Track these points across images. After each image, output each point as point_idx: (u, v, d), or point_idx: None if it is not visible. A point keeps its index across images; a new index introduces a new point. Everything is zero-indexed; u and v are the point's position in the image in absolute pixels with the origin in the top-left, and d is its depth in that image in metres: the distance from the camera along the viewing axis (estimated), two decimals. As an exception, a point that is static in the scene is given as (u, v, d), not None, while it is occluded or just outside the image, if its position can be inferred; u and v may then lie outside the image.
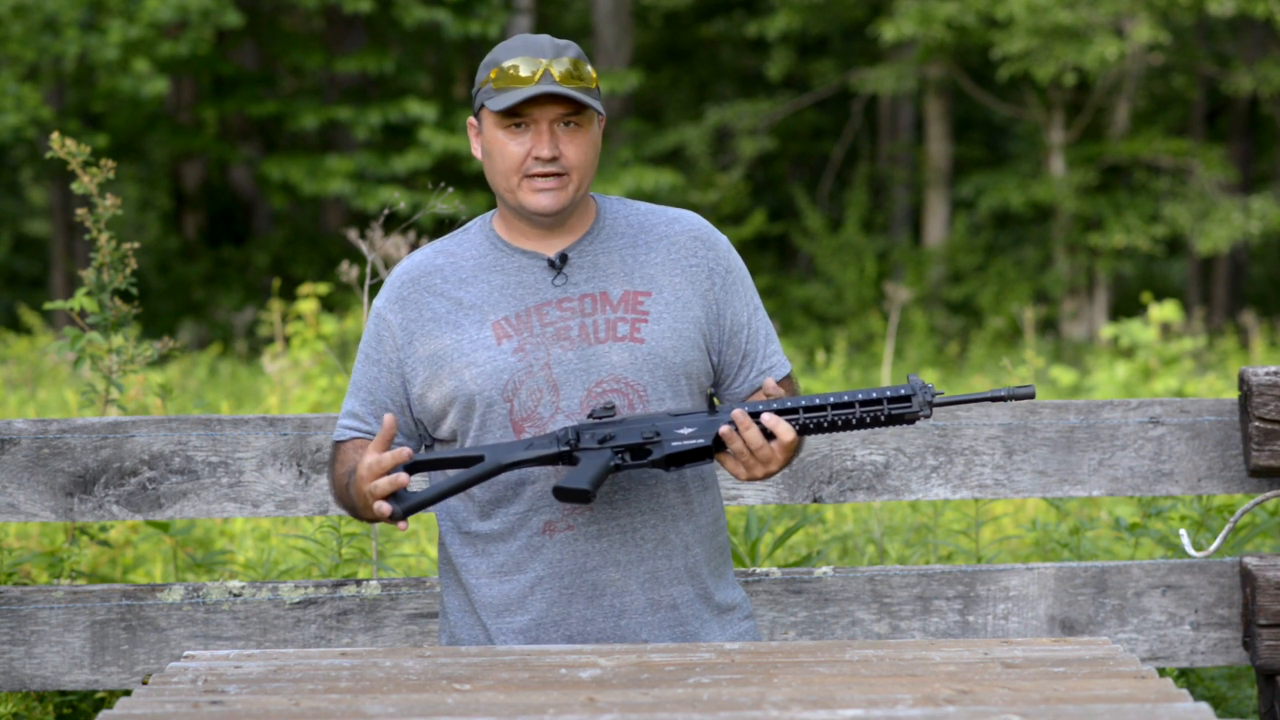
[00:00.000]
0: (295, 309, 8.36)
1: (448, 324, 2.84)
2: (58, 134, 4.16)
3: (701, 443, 2.72)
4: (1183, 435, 3.58)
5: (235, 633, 3.50)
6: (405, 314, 2.86)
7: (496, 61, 2.81)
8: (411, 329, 2.86)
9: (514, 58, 2.79)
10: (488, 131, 2.82)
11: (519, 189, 2.81)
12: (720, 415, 2.73)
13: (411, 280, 2.88)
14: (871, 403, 2.72)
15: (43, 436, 3.49)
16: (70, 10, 16.62)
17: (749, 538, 4.08)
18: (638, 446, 2.73)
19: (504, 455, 2.75)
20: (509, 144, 2.80)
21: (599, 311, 2.83)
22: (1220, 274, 21.42)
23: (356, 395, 2.91)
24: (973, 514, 4.70)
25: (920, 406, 2.71)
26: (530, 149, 2.79)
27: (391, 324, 2.87)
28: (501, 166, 2.81)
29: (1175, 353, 9.60)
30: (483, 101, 2.81)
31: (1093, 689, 2.43)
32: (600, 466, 2.71)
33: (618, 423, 2.74)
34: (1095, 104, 19.50)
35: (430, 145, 18.03)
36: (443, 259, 2.89)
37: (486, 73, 2.82)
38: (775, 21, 19.82)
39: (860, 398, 2.72)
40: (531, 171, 2.79)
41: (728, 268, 2.92)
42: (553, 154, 2.78)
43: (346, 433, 2.91)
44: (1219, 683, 4.33)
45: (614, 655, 2.67)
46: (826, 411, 2.72)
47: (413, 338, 2.85)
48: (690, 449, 2.72)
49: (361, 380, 2.91)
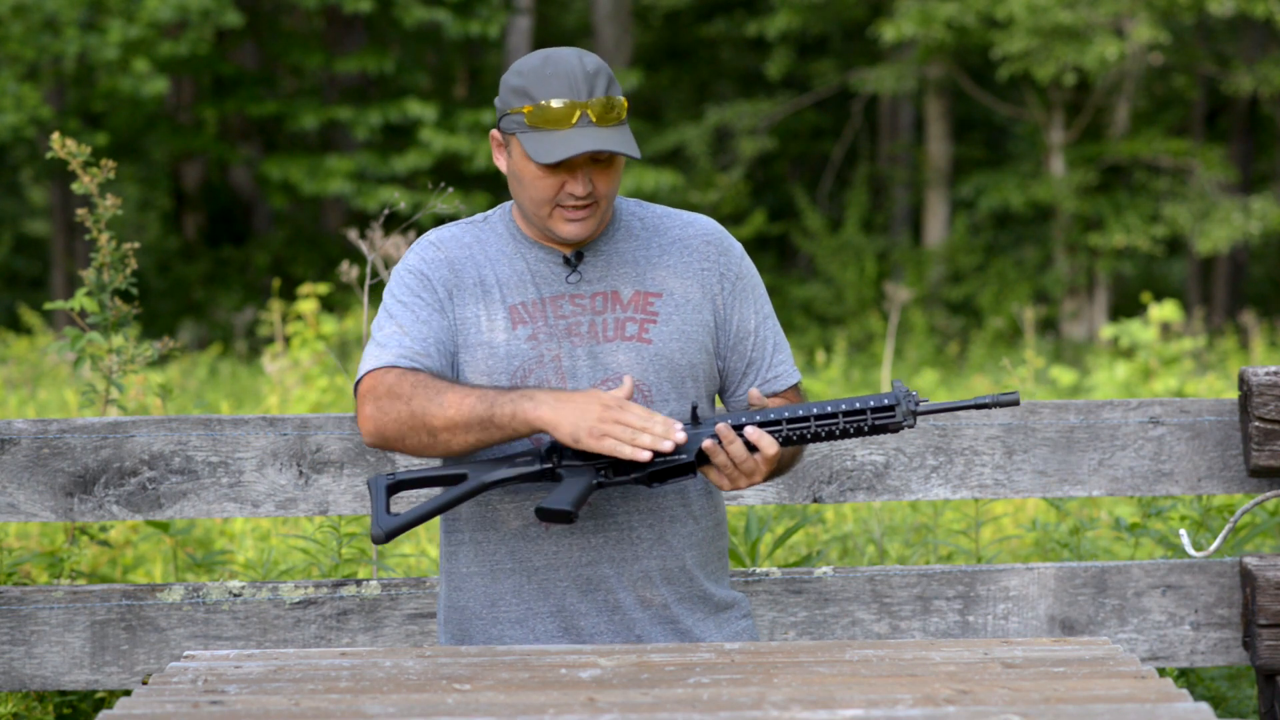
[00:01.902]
0: (295, 309, 8.37)
1: (472, 296, 2.84)
2: (58, 134, 4.16)
3: (684, 459, 2.72)
4: (1183, 435, 3.58)
5: (235, 633, 3.50)
6: (440, 273, 2.84)
7: (527, 92, 2.76)
8: (450, 287, 2.84)
9: (549, 95, 2.75)
10: (518, 161, 2.79)
11: (549, 217, 2.80)
12: (703, 429, 2.73)
13: (444, 244, 2.87)
14: (855, 413, 2.71)
15: (43, 436, 3.49)
16: (70, 10, 16.63)
17: (749, 538, 4.08)
18: (620, 463, 2.73)
19: (486, 474, 2.75)
20: (542, 179, 2.78)
21: (609, 310, 2.84)
22: (1220, 274, 21.43)
23: (406, 335, 2.77)
24: (973, 514, 4.70)
25: (904, 416, 2.71)
26: (564, 185, 2.78)
27: (432, 279, 2.83)
28: (534, 196, 2.79)
29: (1175, 353, 9.61)
30: (515, 133, 2.77)
31: (1093, 689, 2.43)
32: (582, 486, 2.71)
33: None
34: (1095, 104, 19.51)
35: (430, 145, 18.04)
36: (469, 237, 2.89)
37: (519, 102, 2.77)
38: (775, 21, 19.83)
39: (844, 408, 2.71)
40: (565, 204, 2.80)
41: (739, 274, 2.92)
42: (587, 192, 2.78)
43: (405, 361, 2.75)
44: (1219, 683, 4.33)
45: (614, 655, 2.67)
46: (810, 423, 2.72)
47: (451, 295, 2.84)
48: (672, 466, 2.72)
49: (410, 323, 2.79)
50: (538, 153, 2.74)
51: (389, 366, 2.75)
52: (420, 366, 2.75)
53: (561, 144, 2.74)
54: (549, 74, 2.76)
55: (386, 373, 2.74)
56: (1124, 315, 19.30)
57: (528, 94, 2.77)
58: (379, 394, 2.74)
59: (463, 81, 22.06)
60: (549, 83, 2.76)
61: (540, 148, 2.74)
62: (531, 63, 2.79)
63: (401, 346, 2.76)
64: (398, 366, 2.75)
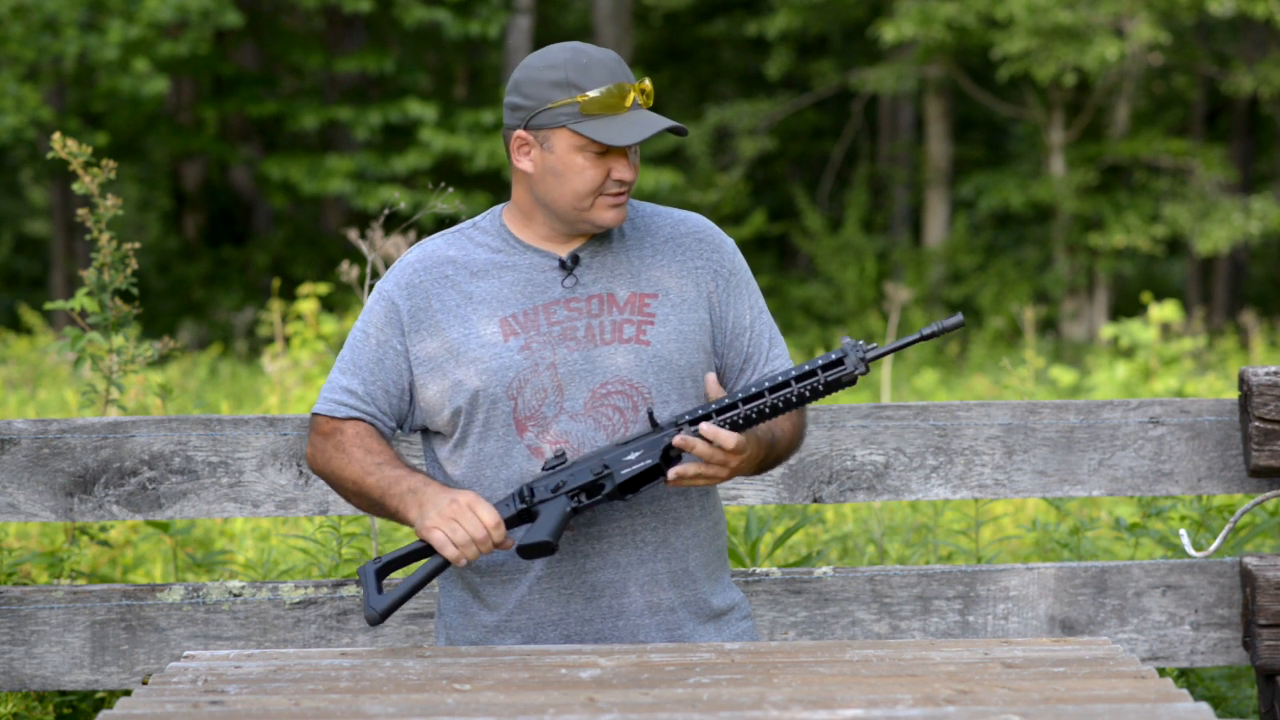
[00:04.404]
0: (295, 309, 8.36)
1: (456, 316, 2.83)
2: (59, 134, 4.16)
3: (649, 463, 2.73)
4: (1183, 435, 3.58)
5: (235, 633, 3.50)
6: (414, 301, 2.84)
7: (573, 83, 2.75)
8: (420, 317, 2.84)
9: (599, 82, 2.75)
10: (563, 154, 2.78)
11: (592, 207, 2.80)
12: (666, 431, 2.74)
13: (424, 268, 2.86)
14: (806, 375, 2.73)
15: (43, 436, 3.49)
16: (70, 10, 16.62)
17: (749, 538, 4.08)
18: (591, 484, 2.74)
19: None
20: (590, 168, 2.77)
21: (606, 313, 2.83)
22: (1220, 274, 21.43)
23: (356, 373, 2.85)
24: (973, 514, 4.70)
25: (855, 365, 2.72)
26: (609, 171, 2.78)
27: (400, 308, 2.85)
28: (578, 188, 2.79)
29: (1175, 353, 9.61)
30: (565, 125, 2.76)
31: (1093, 689, 2.43)
32: (558, 516, 2.72)
33: (567, 468, 2.75)
34: (1095, 104, 19.51)
35: (430, 145, 18.03)
36: (455, 250, 2.87)
37: (563, 94, 2.75)
38: (775, 21, 19.83)
39: (794, 373, 2.73)
40: (609, 191, 2.79)
41: (732, 269, 2.92)
42: (634, 176, 2.80)
43: (343, 409, 2.85)
44: (1219, 683, 4.33)
45: (614, 655, 2.67)
46: (765, 397, 2.73)
47: (420, 325, 2.84)
48: (639, 472, 2.73)
49: (363, 359, 2.86)
50: (609, 136, 2.74)
51: (328, 416, 2.86)
52: (359, 414, 2.85)
53: (627, 125, 2.75)
54: (586, 63, 2.77)
55: (331, 422, 2.86)
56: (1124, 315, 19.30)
57: (573, 85, 2.75)
58: (316, 437, 2.89)
59: (463, 81, 22.05)
60: (591, 71, 2.76)
61: (606, 132, 2.74)
62: (561, 56, 2.78)
63: (347, 393, 2.86)
64: (334, 417, 2.85)
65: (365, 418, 2.85)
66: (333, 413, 2.85)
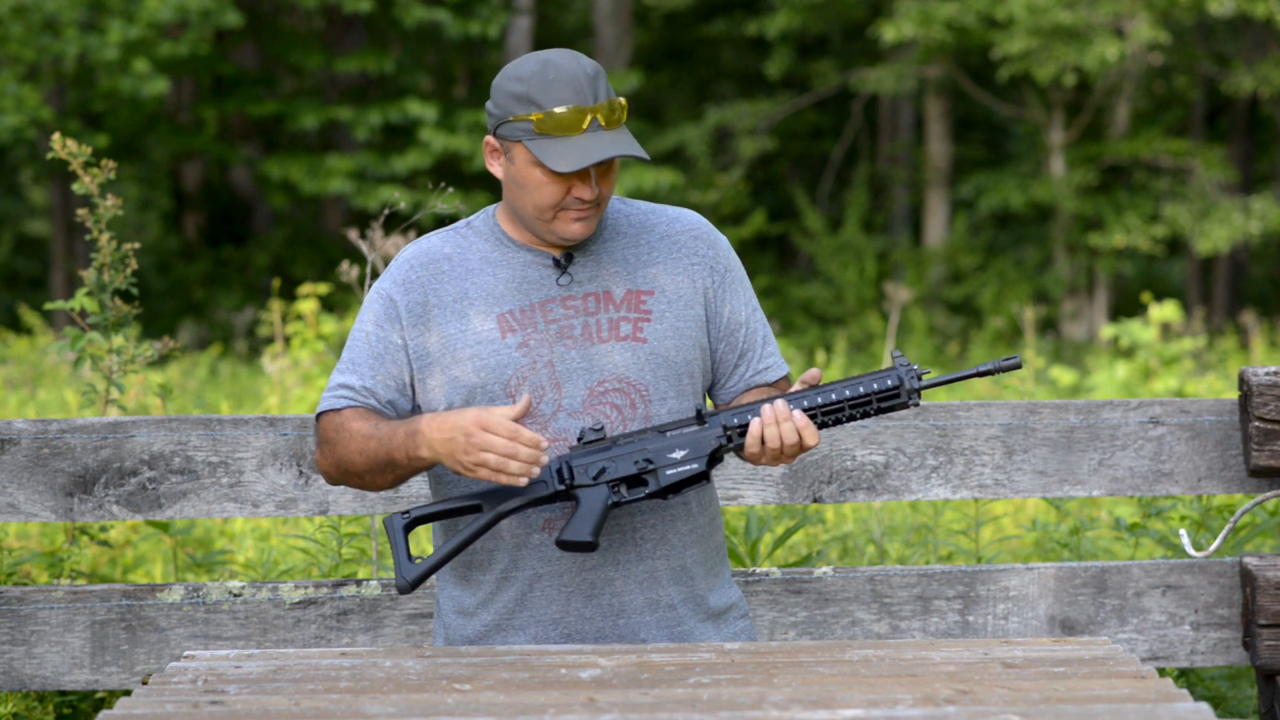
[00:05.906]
0: (295, 309, 8.36)
1: (454, 312, 2.83)
2: (59, 134, 4.16)
3: (696, 469, 2.73)
4: (1183, 435, 3.58)
5: (235, 633, 3.50)
6: (411, 297, 2.84)
7: (532, 99, 2.73)
8: (417, 312, 2.83)
9: (557, 101, 2.72)
10: (522, 167, 2.76)
11: (554, 220, 2.78)
12: (710, 428, 2.74)
13: (421, 265, 2.86)
14: (861, 401, 2.74)
15: (43, 436, 3.49)
16: (70, 10, 16.62)
17: (749, 538, 4.08)
18: (633, 477, 2.74)
19: (501, 503, 2.76)
20: (549, 184, 2.75)
21: (602, 310, 2.83)
22: (1220, 274, 21.43)
23: (354, 370, 2.83)
24: (973, 514, 4.70)
25: (908, 396, 2.73)
26: (570, 189, 2.76)
27: (398, 304, 2.84)
28: (539, 201, 2.77)
29: (1175, 353, 9.61)
30: (521, 140, 2.74)
31: (1093, 689, 2.43)
32: (599, 512, 2.72)
33: (607, 449, 2.74)
34: (1095, 104, 19.50)
35: (430, 145, 18.03)
36: (450, 248, 2.87)
37: (523, 109, 2.73)
38: (775, 21, 19.82)
39: (849, 394, 2.73)
40: (570, 207, 2.78)
41: (726, 266, 2.92)
42: (594, 196, 2.77)
43: (341, 402, 2.82)
44: (1219, 683, 4.33)
45: (614, 655, 2.67)
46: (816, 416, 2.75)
47: (418, 320, 2.83)
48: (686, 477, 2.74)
49: (361, 357, 2.83)
50: (553, 160, 2.71)
51: (330, 410, 2.83)
52: (359, 403, 2.81)
53: (577, 150, 2.71)
54: (551, 79, 2.73)
55: (331, 417, 2.83)
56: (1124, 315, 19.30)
57: (532, 101, 2.73)
58: (321, 440, 2.85)
59: (463, 81, 22.05)
60: (553, 88, 2.73)
61: (554, 155, 2.71)
62: (529, 68, 2.76)
63: (344, 388, 2.82)
64: (334, 409, 2.82)
65: (363, 406, 2.83)
66: (331, 406, 2.83)
